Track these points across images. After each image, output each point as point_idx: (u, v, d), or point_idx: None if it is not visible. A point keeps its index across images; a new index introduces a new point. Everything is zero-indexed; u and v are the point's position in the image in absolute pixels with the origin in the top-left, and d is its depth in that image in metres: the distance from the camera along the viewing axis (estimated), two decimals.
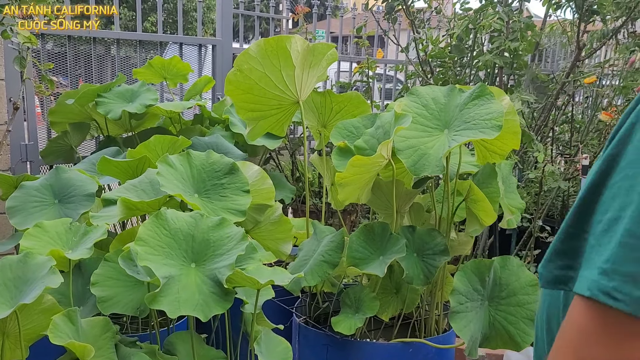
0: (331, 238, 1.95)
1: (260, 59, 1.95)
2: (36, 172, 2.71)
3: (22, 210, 1.82)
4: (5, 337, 1.37)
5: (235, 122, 2.65)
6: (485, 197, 1.82)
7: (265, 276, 1.47)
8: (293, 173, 3.41)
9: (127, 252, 1.50)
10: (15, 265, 1.38)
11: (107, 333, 1.47)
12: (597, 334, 0.55)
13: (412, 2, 2.87)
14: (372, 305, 1.86)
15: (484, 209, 1.86)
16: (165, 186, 1.62)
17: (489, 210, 1.85)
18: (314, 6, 3.62)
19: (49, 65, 2.31)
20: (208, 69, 3.39)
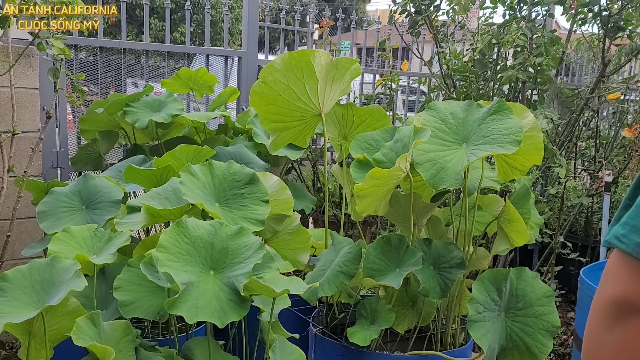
0: (348, 249, 1.97)
1: (285, 72, 1.99)
2: (66, 178, 2.81)
3: (51, 215, 1.89)
4: (31, 337, 1.43)
5: (258, 133, 2.70)
6: (521, 218, 1.82)
7: (281, 285, 1.50)
8: (314, 183, 3.44)
9: (149, 258, 1.54)
10: (43, 268, 1.44)
11: (127, 336, 1.52)
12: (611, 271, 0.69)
13: (435, 17, 2.88)
14: (388, 317, 1.87)
15: (518, 229, 1.87)
16: (187, 195, 1.67)
17: (523, 231, 1.85)
18: (339, 19, 3.67)
19: (81, 76, 2.40)
20: (233, 80, 3.46)
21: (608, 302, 0.71)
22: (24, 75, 2.51)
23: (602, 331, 0.72)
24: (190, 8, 3.12)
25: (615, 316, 0.70)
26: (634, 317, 0.68)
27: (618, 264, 0.70)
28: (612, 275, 0.70)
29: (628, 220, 0.68)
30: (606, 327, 0.71)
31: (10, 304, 1.36)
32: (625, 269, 0.68)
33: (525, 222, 1.85)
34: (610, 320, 0.70)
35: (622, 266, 0.69)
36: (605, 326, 0.71)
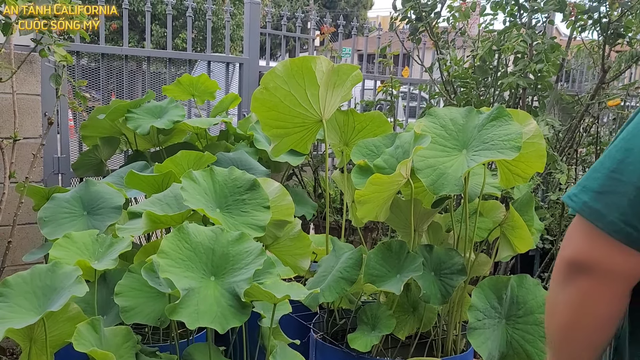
0: (349, 255, 1.97)
1: (286, 78, 2.00)
2: (67, 184, 2.81)
3: (52, 221, 1.90)
4: (32, 343, 1.43)
5: (259, 139, 2.71)
6: (525, 225, 1.82)
7: (282, 291, 1.50)
8: (315, 189, 3.45)
9: (150, 264, 1.55)
10: (44, 274, 1.45)
11: (128, 342, 1.52)
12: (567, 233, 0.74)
13: (435, 24, 2.90)
14: (389, 323, 1.87)
15: (521, 236, 1.87)
16: (189, 201, 1.67)
17: (526, 238, 1.86)
18: (340, 26, 3.69)
19: (83, 83, 2.41)
20: (235, 86, 3.47)
21: (561, 263, 0.74)
22: (25, 81, 2.52)
23: (557, 292, 0.75)
24: (192, 15, 3.13)
25: (567, 277, 0.72)
26: (582, 277, 0.70)
27: (572, 226, 0.73)
28: (567, 237, 0.73)
29: (581, 181, 0.72)
30: (560, 287, 0.74)
31: (11, 310, 1.36)
32: (576, 229, 0.72)
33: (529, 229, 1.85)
34: (562, 281, 0.73)
35: (574, 227, 0.72)
36: (559, 287, 0.74)
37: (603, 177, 0.69)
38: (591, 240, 0.70)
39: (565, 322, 0.76)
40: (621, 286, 0.71)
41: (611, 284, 0.70)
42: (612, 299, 0.72)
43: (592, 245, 0.69)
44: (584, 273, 0.71)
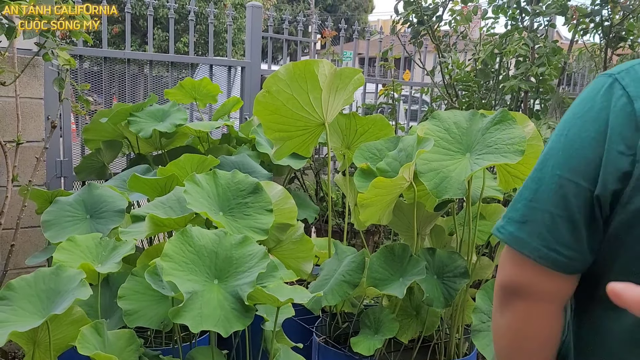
0: (352, 258, 1.97)
1: (289, 82, 2.01)
2: (69, 187, 2.81)
3: (56, 224, 1.90)
4: (35, 347, 1.43)
5: (261, 142, 2.71)
6: None
7: (285, 294, 1.50)
8: (317, 193, 3.45)
9: (153, 267, 1.55)
10: (48, 277, 1.45)
11: (131, 345, 1.51)
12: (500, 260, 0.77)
13: (437, 27, 2.90)
14: (392, 327, 1.87)
15: None
16: (192, 204, 1.67)
17: None
18: (342, 29, 3.70)
19: (86, 86, 2.42)
20: (236, 89, 3.48)
21: (497, 288, 0.78)
22: (29, 85, 2.53)
23: (497, 316, 0.79)
24: (194, 19, 3.14)
25: (504, 301, 0.76)
26: (517, 300, 0.74)
27: (503, 253, 0.77)
28: (500, 264, 0.77)
29: (507, 213, 0.75)
30: (499, 311, 0.78)
31: (15, 313, 1.36)
32: (507, 257, 0.75)
33: None
34: (500, 305, 0.77)
35: (505, 255, 0.76)
36: (498, 311, 0.78)
37: (523, 207, 0.72)
38: (520, 266, 0.73)
39: (507, 344, 0.78)
40: (553, 306, 0.74)
41: (543, 305, 0.74)
42: (546, 318, 0.74)
43: (522, 271, 0.73)
44: (518, 296, 0.74)
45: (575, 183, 0.66)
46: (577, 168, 0.66)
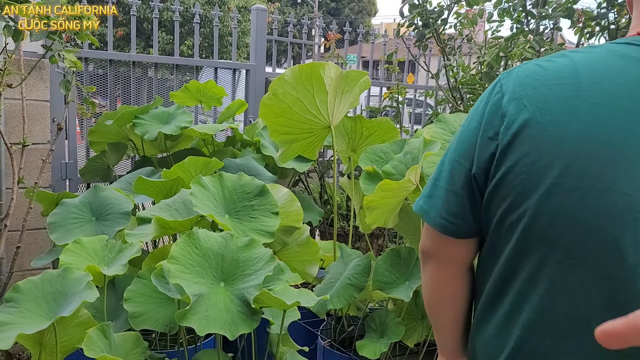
0: (358, 262, 1.96)
1: (295, 84, 2.01)
2: (74, 189, 2.82)
3: (62, 226, 1.90)
4: (42, 349, 1.43)
5: (266, 145, 2.71)
6: None
7: (291, 297, 1.50)
8: (321, 196, 3.44)
9: (160, 269, 1.54)
10: (55, 279, 1.45)
11: (137, 348, 1.51)
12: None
13: (442, 30, 2.90)
14: (398, 331, 1.86)
15: None
16: (198, 206, 1.67)
17: None
18: (346, 32, 3.70)
19: (92, 88, 2.42)
20: (240, 92, 3.48)
21: (419, 253, 0.95)
22: (35, 87, 2.53)
23: (421, 275, 0.96)
24: (199, 22, 3.15)
25: (423, 263, 0.94)
26: (430, 262, 0.91)
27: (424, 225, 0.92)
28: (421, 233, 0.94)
29: (423, 190, 0.89)
30: (422, 272, 0.96)
31: (22, 315, 1.36)
32: (423, 227, 0.91)
33: None
34: (422, 267, 0.95)
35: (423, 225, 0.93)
36: (421, 271, 0.96)
37: (430, 186, 0.87)
38: (429, 234, 0.88)
39: (428, 298, 0.97)
40: (455, 266, 0.89)
41: (447, 266, 0.89)
42: (450, 277, 0.90)
43: (429, 238, 0.89)
44: (430, 259, 0.91)
45: (461, 164, 0.79)
46: (463, 152, 0.79)
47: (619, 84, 0.68)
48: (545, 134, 0.68)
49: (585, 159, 0.66)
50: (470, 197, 0.79)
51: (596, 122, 0.67)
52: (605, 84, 0.68)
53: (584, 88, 0.69)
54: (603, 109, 0.67)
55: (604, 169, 0.65)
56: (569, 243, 0.68)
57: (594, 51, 0.73)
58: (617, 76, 0.69)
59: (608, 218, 0.65)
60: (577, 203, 0.67)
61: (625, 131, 0.65)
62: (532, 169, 0.69)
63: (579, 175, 0.67)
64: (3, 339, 1.27)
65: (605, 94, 0.68)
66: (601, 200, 0.65)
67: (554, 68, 0.73)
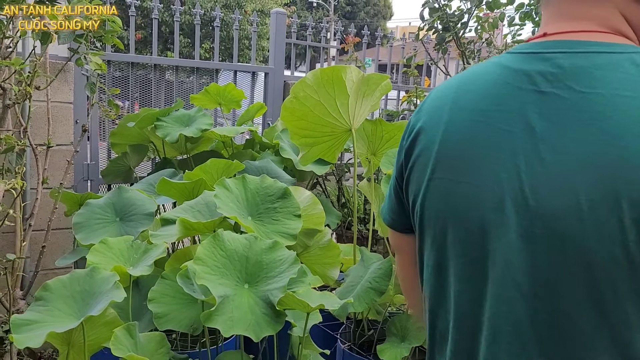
0: (379, 265, 1.96)
1: (316, 88, 2.01)
2: (95, 190, 2.85)
3: (86, 226, 1.92)
4: (70, 347, 1.45)
5: (285, 148, 2.72)
6: None
7: (315, 300, 1.50)
8: (339, 199, 3.45)
9: (185, 270, 1.56)
10: (83, 279, 1.46)
11: (162, 348, 1.52)
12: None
13: (462, 33, 2.89)
14: (419, 335, 1.86)
15: None
16: (222, 208, 1.68)
17: None
18: (365, 36, 3.71)
19: (116, 91, 2.45)
20: (258, 95, 3.50)
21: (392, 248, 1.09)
22: (59, 89, 2.57)
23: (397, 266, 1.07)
24: (219, 25, 3.17)
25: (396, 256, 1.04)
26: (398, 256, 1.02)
27: None
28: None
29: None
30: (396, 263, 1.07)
31: (51, 314, 1.38)
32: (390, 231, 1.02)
33: None
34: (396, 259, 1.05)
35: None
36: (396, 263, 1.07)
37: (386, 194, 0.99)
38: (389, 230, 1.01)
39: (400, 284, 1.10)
40: (407, 257, 0.97)
41: (402, 256, 1.00)
42: (405, 266, 1.00)
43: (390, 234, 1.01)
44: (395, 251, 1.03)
45: (394, 173, 0.91)
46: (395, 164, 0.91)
47: (479, 90, 0.76)
48: (427, 137, 0.80)
49: (446, 157, 0.77)
50: (397, 196, 0.91)
51: (455, 124, 0.76)
52: (470, 92, 0.77)
53: (454, 96, 0.78)
54: (463, 112, 0.76)
55: (458, 164, 0.75)
56: (438, 232, 0.79)
57: (487, 62, 0.80)
58: (481, 83, 0.76)
59: (461, 208, 0.75)
60: (441, 196, 0.77)
61: (475, 130, 0.74)
62: (419, 168, 0.81)
63: (442, 171, 0.77)
64: (34, 337, 1.29)
65: (467, 99, 0.76)
66: (455, 192, 0.75)
67: (449, 81, 0.84)
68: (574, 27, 0.72)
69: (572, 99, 0.67)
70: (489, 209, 0.71)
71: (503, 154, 0.70)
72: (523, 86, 0.71)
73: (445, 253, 0.78)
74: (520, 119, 0.70)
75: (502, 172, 0.70)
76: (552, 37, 0.74)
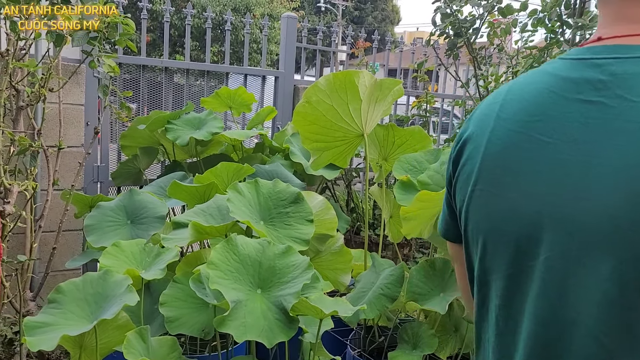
0: (390, 271, 1.95)
1: (329, 92, 2.01)
2: (105, 192, 2.85)
3: (98, 229, 1.92)
4: (82, 350, 1.44)
5: (295, 152, 2.72)
6: None
7: (329, 306, 1.49)
8: (348, 203, 3.44)
9: (197, 274, 1.55)
10: (96, 282, 1.46)
11: (174, 353, 1.51)
12: None
13: (474, 39, 2.88)
14: (431, 343, 1.84)
15: None
16: (235, 212, 1.68)
17: None
18: (375, 41, 3.70)
19: (128, 93, 2.45)
20: (267, 99, 3.50)
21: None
22: (71, 92, 2.58)
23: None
24: (230, 28, 3.18)
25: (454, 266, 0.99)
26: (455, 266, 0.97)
27: None
28: None
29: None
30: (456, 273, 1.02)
31: (64, 316, 1.38)
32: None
33: None
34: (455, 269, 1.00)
35: None
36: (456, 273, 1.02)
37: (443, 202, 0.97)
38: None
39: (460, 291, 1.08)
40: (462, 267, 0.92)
41: (457, 265, 0.95)
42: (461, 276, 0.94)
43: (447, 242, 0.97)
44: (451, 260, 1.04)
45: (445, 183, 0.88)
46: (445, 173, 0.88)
47: (524, 99, 0.73)
48: (473, 147, 0.78)
49: (487, 168, 0.75)
50: (449, 206, 0.88)
51: (498, 134, 0.74)
52: (515, 100, 0.74)
53: (500, 105, 0.76)
54: (506, 122, 0.73)
55: (499, 176, 0.73)
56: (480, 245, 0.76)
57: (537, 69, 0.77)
58: (527, 92, 0.73)
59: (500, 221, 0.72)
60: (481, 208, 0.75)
61: (516, 141, 0.71)
62: (465, 178, 0.79)
63: (483, 183, 0.75)
64: (47, 340, 1.28)
65: (512, 109, 0.73)
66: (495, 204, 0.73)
67: (499, 89, 0.80)
68: (632, 30, 0.67)
69: (620, 107, 0.63)
70: (527, 224, 0.69)
71: (543, 166, 0.68)
72: (569, 95, 0.68)
73: (487, 267, 0.76)
74: (562, 130, 0.67)
75: (541, 185, 0.68)
76: (606, 41, 0.69)
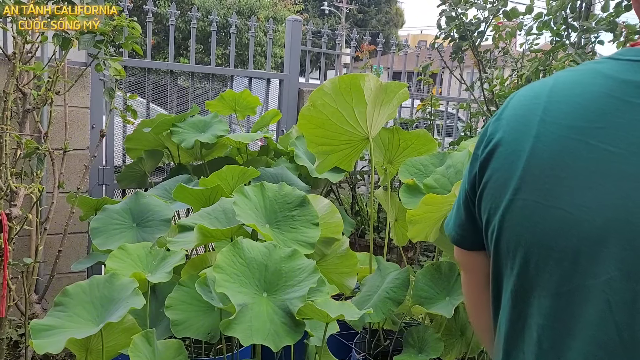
0: (396, 275, 1.94)
1: (334, 96, 2.01)
2: (110, 195, 2.85)
3: (104, 232, 1.92)
4: (88, 353, 1.44)
5: (299, 155, 2.71)
6: None
7: (335, 310, 1.49)
8: (352, 207, 3.43)
9: (204, 278, 1.55)
10: (102, 285, 1.46)
11: (180, 356, 1.51)
12: None
13: (479, 42, 2.88)
14: (437, 347, 1.83)
15: None
16: (241, 215, 1.67)
17: None
18: (379, 44, 3.70)
19: (134, 97, 2.46)
20: (272, 102, 3.50)
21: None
22: (77, 95, 2.58)
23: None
24: (235, 32, 3.18)
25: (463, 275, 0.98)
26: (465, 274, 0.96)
27: None
28: None
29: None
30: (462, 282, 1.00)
31: (71, 319, 1.38)
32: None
33: None
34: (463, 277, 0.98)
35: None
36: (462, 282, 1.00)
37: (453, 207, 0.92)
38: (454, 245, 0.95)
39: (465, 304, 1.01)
40: (476, 276, 0.91)
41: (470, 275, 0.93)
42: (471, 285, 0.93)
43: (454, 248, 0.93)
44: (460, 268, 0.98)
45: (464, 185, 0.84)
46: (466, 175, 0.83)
47: (576, 102, 0.67)
48: (508, 151, 0.71)
49: (534, 176, 0.68)
50: (467, 211, 0.83)
51: (546, 140, 0.68)
52: (564, 103, 0.68)
53: (544, 107, 0.70)
54: (556, 127, 0.67)
55: (549, 186, 0.67)
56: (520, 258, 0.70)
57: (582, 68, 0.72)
58: (577, 94, 0.68)
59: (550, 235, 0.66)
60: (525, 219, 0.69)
61: (572, 150, 0.65)
62: (498, 184, 0.73)
63: (528, 192, 0.69)
64: (53, 343, 1.28)
65: (561, 112, 0.68)
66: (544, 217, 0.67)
67: (535, 87, 0.74)
68: None
69: None
70: (587, 240, 0.63)
71: (607, 178, 0.62)
72: (633, 100, 0.63)
73: (528, 282, 0.70)
74: (629, 138, 0.62)
75: (605, 199, 0.62)
76: None
